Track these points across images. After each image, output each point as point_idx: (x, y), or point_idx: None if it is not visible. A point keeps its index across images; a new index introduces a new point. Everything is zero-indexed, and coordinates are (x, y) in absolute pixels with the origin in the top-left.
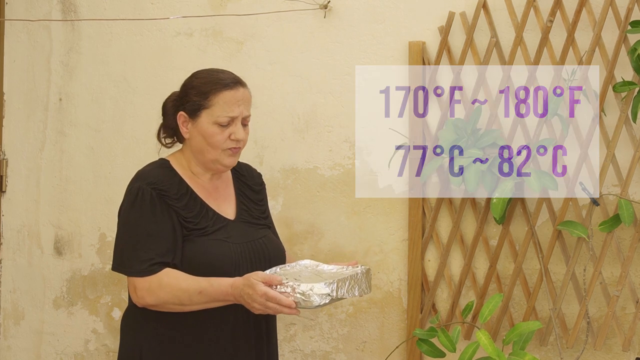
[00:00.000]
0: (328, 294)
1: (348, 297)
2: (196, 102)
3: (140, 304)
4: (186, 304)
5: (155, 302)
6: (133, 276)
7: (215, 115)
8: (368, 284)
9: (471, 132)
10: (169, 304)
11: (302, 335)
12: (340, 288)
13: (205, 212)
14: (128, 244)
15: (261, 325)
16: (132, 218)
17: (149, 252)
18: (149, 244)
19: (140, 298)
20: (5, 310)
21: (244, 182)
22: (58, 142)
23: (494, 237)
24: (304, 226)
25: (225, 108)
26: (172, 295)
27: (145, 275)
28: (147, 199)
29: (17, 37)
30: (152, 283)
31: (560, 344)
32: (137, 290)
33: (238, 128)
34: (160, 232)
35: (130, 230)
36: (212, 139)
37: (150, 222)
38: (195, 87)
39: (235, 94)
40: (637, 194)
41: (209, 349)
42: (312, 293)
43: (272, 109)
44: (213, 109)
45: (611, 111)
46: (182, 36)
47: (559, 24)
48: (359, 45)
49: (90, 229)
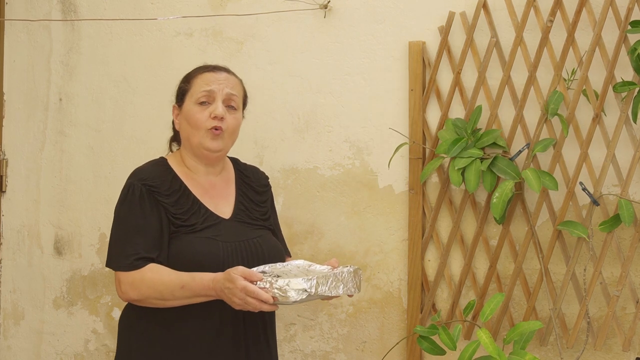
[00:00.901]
0: (305, 289)
1: (331, 295)
2: (182, 88)
3: (124, 298)
4: (168, 298)
5: (138, 297)
6: (118, 271)
7: (194, 96)
8: (356, 284)
9: (471, 132)
10: (151, 299)
11: (302, 335)
12: (320, 285)
13: (196, 209)
14: (116, 240)
15: (257, 325)
16: (122, 214)
17: (135, 247)
18: (135, 238)
19: (124, 293)
20: (5, 310)
21: (247, 183)
22: (58, 142)
23: (494, 237)
24: (304, 226)
25: (203, 85)
26: (154, 290)
27: (129, 270)
28: (136, 194)
29: (17, 37)
30: (135, 278)
31: (560, 344)
32: (121, 284)
33: (217, 105)
34: (147, 227)
35: (119, 226)
36: (193, 118)
37: (138, 218)
38: (184, 76)
39: (214, 75)
40: (637, 194)
41: (194, 347)
42: (288, 288)
43: (272, 109)
44: (193, 90)
45: (611, 111)
46: (182, 36)
47: (559, 24)
48: (359, 45)
49: (90, 229)
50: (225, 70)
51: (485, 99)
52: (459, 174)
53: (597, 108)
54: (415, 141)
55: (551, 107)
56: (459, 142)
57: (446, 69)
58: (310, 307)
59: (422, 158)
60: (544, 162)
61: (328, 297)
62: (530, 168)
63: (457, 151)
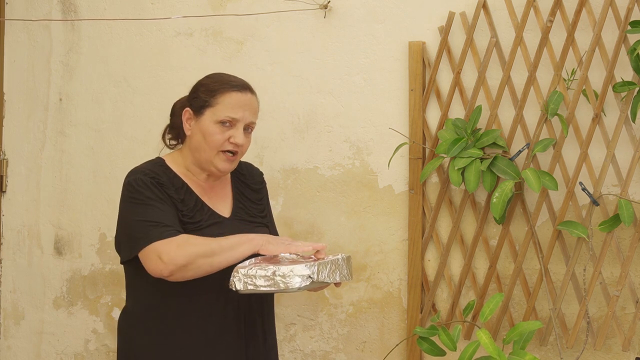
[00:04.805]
0: (309, 275)
1: (329, 281)
2: (203, 99)
3: (169, 269)
4: (217, 252)
5: (185, 260)
6: (153, 242)
7: (218, 115)
8: (349, 271)
9: (471, 132)
10: (200, 257)
11: (302, 335)
12: (321, 272)
13: (200, 207)
14: (138, 223)
15: (256, 323)
16: (138, 203)
17: (165, 220)
18: (161, 217)
19: (170, 260)
20: (5, 310)
21: (242, 181)
22: (58, 142)
23: (494, 237)
24: (304, 226)
25: (229, 108)
26: (202, 246)
27: (167, 237)
28: (148, 183)
29: (17, 37)
30: (179, 241)
31: (560, 344)
32: (163, 254)
33: (239, 132)
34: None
35: (137, 210)
36: (211, 137)
37: (156, 202)
38: (205, 84)
39: (241, 97)
40: (637, 194)
41: (197, 346)
42: (292, 274)
43: (272, 109)
44: (217, 108)
45: (611, 111)
46: (182, 36)
47: (559, 24)
48: (359, 45)
49: (90, 229)
50: (249, 89)
51: (485, 99)
52: (459, 174)
53: (597, 108)
54: (415, 141)
55: (551, 107)
56: (458, 142)
57: (446, 69)
58: (310, 307)
59: (422, 158)
60: (544, 162)
61: (326, 284)
62: (530, 168)
63: (457, 151)
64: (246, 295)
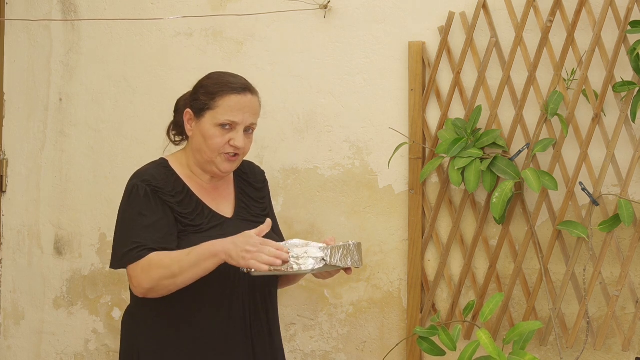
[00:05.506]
0: (322, 258)
1: (341, 266)
2: (202, 102)
3: (139, 292)
4: (177, 273)
5: (150, 284)
6: (128, 265)
7: (217, 118)
8: (360, 257)
9: (471, 132)
10: (163, 280)
11: (302, 335)
12: (333, 255)
13: (201, 209)
14: (122, 239)
15: (261, 321)
16: (127, 214)
17: (141, 240)
18: (142, 234)
19: (138, 284)
20: (5, 310)
21: (245, 180)
22: (58, 142)
23: (494, 237)
24: (304, 226)
25: (229, 112)
26: (162, 268)
27: (137, 260)
28: (141, 194)
29: (17, 37)
30: (143, 265)
31: (560, 344)
32: (133, 278)
33: (239, 135)
34: (155, 224)
35: (124, 226)
36: (211, 140)
37: (144, 216)
38: (205, 86)
39: (241, 100)
40: (637, 194)
41: (203, 345)
42: (306, 256)
43: (272, 109)
44: (217, 111)
45: (611, 111)
46: (182, 36)
47: (559, 24)
48: (359, 45)
49: (90, 229)
50: (249, 90)
51: (485, 99)
52: (459, 173)
53: (596, 108)
54: (415, 141)
55: (551, 107)
56: (458, 142)
57: (446, 69)
58: (310, 307)
59: (422, 158)
60: (544, 162)
61: (337, 269)
62: (530, 168)
63: (457, 151)
64: (251, 293)
